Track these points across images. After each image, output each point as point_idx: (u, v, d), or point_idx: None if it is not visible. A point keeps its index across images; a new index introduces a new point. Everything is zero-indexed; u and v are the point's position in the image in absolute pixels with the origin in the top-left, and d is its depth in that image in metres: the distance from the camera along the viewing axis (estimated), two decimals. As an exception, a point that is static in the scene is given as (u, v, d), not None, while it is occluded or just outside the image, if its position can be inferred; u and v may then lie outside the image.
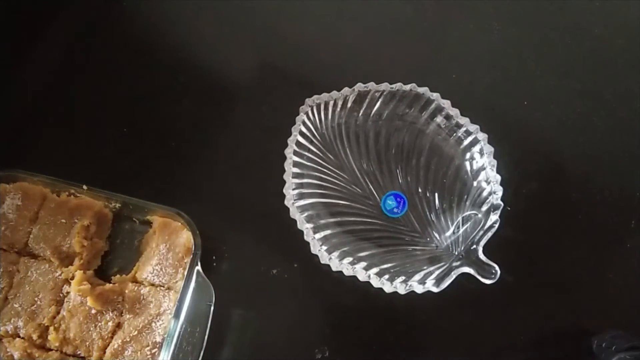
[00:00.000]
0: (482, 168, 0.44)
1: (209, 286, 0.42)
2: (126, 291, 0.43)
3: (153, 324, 0.42)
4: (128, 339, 0.42)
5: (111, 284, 0.43)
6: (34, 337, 0.42)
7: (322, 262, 0.42)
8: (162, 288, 0.43)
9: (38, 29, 0.55)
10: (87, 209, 0.45)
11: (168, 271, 0.43)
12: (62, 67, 0.54)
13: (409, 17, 0.56)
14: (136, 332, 0.42)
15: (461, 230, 0.43)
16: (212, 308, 0.42)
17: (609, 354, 0.40)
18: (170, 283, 0.43)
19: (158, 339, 0.41)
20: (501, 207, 0.42)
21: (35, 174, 0.45)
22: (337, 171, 0.45)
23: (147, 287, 0.43)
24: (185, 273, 0.42)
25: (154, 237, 0.45)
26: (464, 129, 0.45)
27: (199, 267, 0.42)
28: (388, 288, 0.41)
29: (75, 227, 0.44)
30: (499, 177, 0.43)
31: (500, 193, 0.43)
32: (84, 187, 0.45)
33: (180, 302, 0.41)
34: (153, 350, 0.41)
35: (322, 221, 0.43)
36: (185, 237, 0.44)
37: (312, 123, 0.46)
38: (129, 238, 0.47)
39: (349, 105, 0.47)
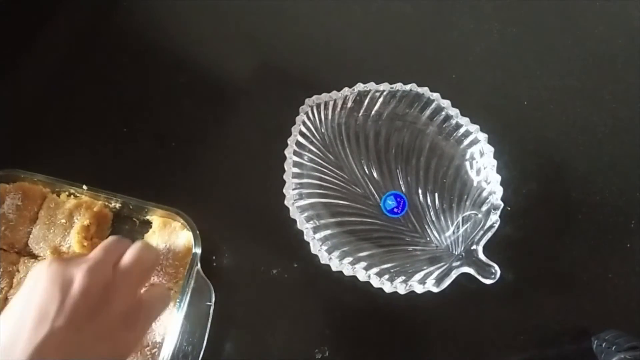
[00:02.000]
0: (482, 168, 0.44)
1: (208, 286, 0.43)
2: (126, 291, 0.43)
3: (153, 324, 0.42)
4: (128, 339, 0.42)
5: (111, 284, 0.43)
6: (34, 337, 0.42)
7: (322, 262, 0.42)
8: (162, 288, 0.43)
9: (38, 28, 0.55)
10: (87, 209, 0.45)
11: (168, 271, 0.43)
12: (62, 66, 0.54)
13: (409, 17, 0.56)
14: (136, 332, 0.42)
15: (461, 230, 0.43)
16: (212, 308, 0.42)
17: (609, 354, 0.40)
18: (170, 283, 0.43)
19: (158, 339, 0.41)
20: (501, 207, 0.43)
21: (35, 173, 0.45)
22: (337, 171, 0.45)
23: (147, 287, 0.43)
24: (185, 273, 0.42)
25: (153, 237, 0.45)
26: (464, 129, 0.45)
27: (199, 267, 0.42)
28: (388, 288, 0.41)
29: (75, 227, 0.44)
30: (499, 177, 0.44)
31: (500, 193, 0.43)
32: (84, 187, 0.45)
33: (180, 302, 0.41)
34: (153, 350, 0.41)
35: (322, 221, 0.43)
36: (185, 237, 0.44)
37: (312, 123, 0.46)
38: (129, 238, 0.46)
39: (349, 105, 0.47)
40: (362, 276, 0.41)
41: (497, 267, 0.40)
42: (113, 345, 0.34)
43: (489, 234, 0.42)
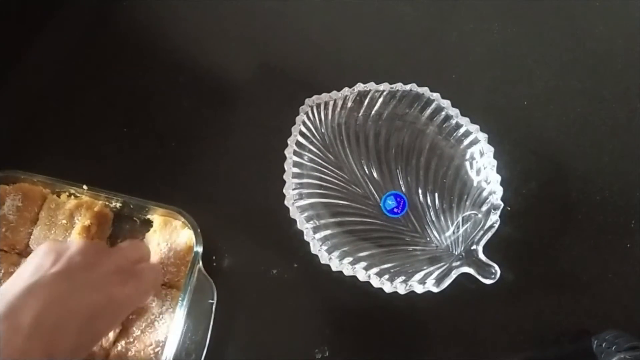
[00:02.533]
0: (482, 168, 0.44)
1: (210, 284, 0.43)
2: (127, 291, 0.43)
3: (156, 323, 0.42)
4: (131, 339, 0.41)
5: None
6: (35, 337, 0.42)
7: (322, 262, 0.43)
8: (164, 287, 0.43)
9: (38, 28, 0.55)
10: (87, 209, 0.45)
11: (170, 270, 0.43)
12: (62, 67, 0.54)
13: (409, 17, 0.56)
14: (139, 332, 0.42)
15: (461, 230, 0.43)
16: (214, 305, 0.42)
17: (609, 354, 0.40)
18: (172, 281, 0.43)
19: (161, 338, 0.41)
20: (501, 207, 0.43)
21: (35, 174, 0.45)
22: (337, 171, 0.45)
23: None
24: (187, 271, 0.42)
25: (155, 236, 0.45)
26: (464, 129, 0.45)
27: (200, 265, 0.43)
28: (388, 288, 0.41)
29: (76, 228, 0.44)
30: (499, 177, 0.44)
31: (500, 193, 0.43)
32: (84, 187, 0.45)
33: (183, 300, 0.41)
34: (156, 349, 0.41)
35: (322, 221, 0.43)
36: (186, 235, 0.44)
37: (312, 123, 0.46)
38: (130, 237, 0.47)
39: (349, 105, 0.47)
40: (362, 276, 0.42)
41: (497, 267, 0.40)
42: (106, 297, 0.36)
43: (489, 234, 0.42)
